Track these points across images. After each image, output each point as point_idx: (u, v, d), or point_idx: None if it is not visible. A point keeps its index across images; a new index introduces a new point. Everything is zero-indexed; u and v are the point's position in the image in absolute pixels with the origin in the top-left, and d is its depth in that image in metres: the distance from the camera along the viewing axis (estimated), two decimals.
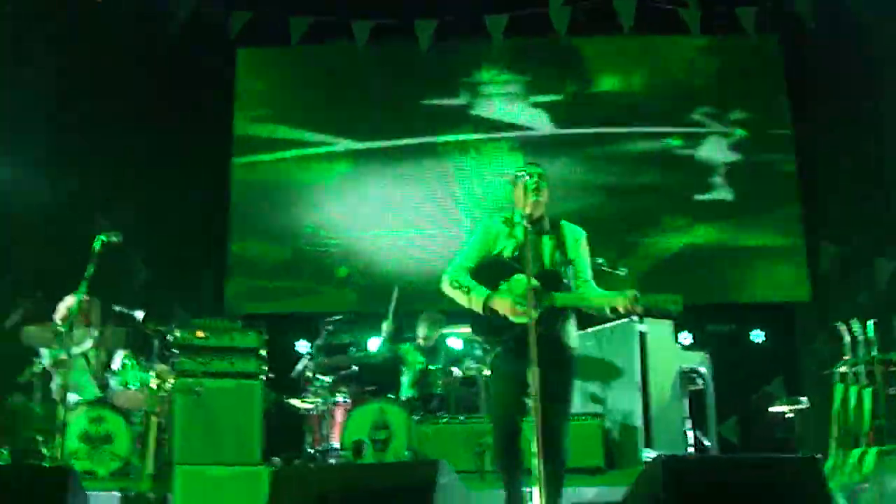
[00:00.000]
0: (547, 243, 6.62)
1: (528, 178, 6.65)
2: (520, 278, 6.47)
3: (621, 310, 6.40)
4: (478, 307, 6.57)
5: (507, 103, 14.14)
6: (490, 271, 6.70)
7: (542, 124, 13.97)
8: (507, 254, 6.71)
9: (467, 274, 6.74)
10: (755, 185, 13.71)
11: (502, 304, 6.49)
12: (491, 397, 6.87)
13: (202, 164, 13.47)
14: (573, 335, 6.68)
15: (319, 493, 4.92)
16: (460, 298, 6.70)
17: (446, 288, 6.79)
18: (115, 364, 9.74)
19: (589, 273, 6.78)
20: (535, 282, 6.17)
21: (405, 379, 10.87)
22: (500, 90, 14.19)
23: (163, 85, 13.15)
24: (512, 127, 14.01)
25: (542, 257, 6.61)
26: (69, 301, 9.49)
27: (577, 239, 6.82)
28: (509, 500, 6.53)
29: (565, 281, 6.63)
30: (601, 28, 13.56)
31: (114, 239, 8.06)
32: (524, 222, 6.40)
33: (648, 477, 4.99)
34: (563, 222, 6.86)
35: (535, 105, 14.08)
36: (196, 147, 13.32)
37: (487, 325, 6.60)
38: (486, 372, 9.18)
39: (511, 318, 6.43)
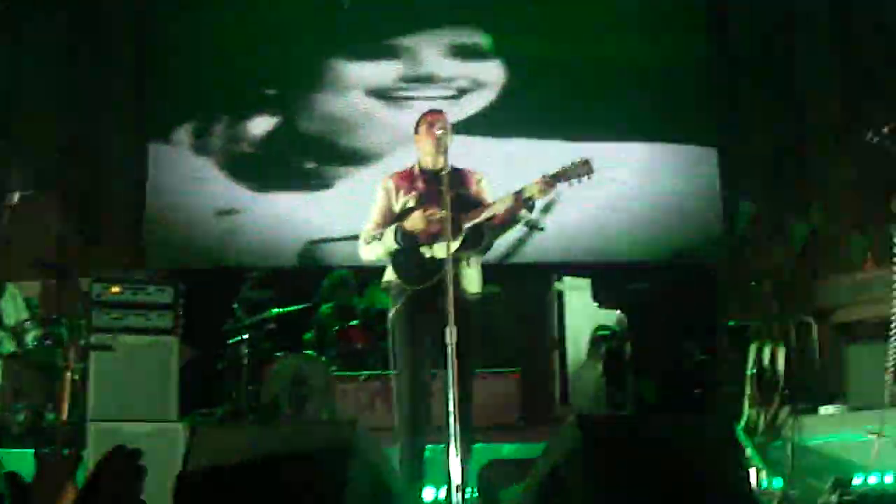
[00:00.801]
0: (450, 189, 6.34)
1: (429, 126, 6.66)
2: None
3: (536, 195, 6.39)
4: (391, 241, 6.56)
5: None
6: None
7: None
8: (411, 206, 6.66)
9: (378, 230, 6.72)
10: (675, 143, 13.72)
11: (413, 221, 6.51)
12: (396, 349, 6.76)
13: (117, 106, 13.20)
14: (477, 281, 6.68)
15: (236, 453, 4.90)
16: (377, 249, 6.72)
17: (363, 251, 6.83)
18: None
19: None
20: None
21: (323, 335, 10.87)
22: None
23: (77, 32, 12.92)
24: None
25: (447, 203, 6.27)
26: None
27: (479, 179, 6.85)
28: (410, 458, 6.61)
29: (473, 203, 6.60)
30: None
31: (25, 193, 7.95)
32: (420, 171, 6.68)
33: (565, 434, 5.03)
34: (465, 169, 6.86)
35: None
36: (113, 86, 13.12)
37: (411, 269, 6.56)
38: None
39: (429, 246, 6.46)
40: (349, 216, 11.75)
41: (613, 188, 13.19)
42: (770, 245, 12.82)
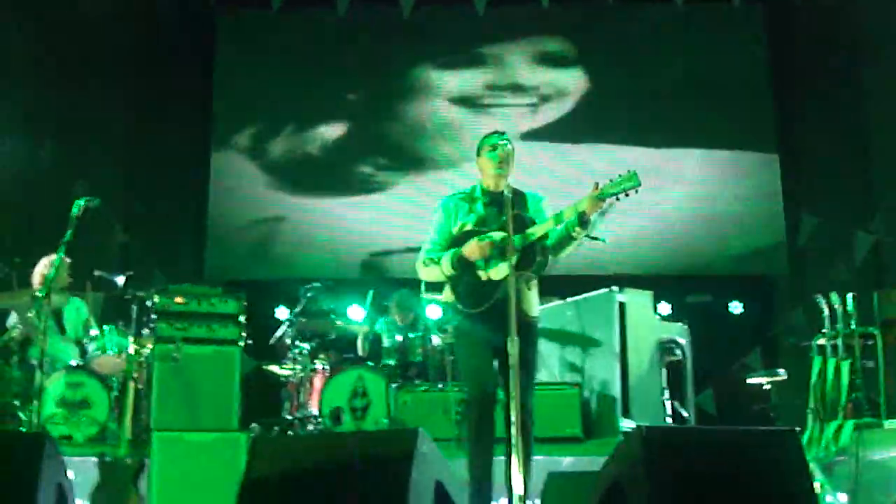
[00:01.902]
0: (509, 213, 6.34)
1: (493, 150, 6.65)
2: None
3: (588, 210, 6.32)
4: (449, 267, 6.59)
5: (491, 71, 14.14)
6: (458, 245, 6.65)
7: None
8: (469, 227, 6.66)
9: (436, 252, 6.74)
10: (737, 157, 13.71)
11: (471, 249, 6.50)
12: (461, 365, 6.86)
13: (182, 127, 13.43)
14: (535, 305, 6.67)
15: (298, 461, 4.91)
16: (434, 272, 6.73)
17: (421, 272, 6.85)
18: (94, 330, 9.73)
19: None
20: (501, 234, 6.29)
21: (384, 347, 10.90)
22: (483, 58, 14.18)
23: (142, 50, 13.10)
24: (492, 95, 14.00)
25: (506, 226, 6.33)
26: (44, 264, 9.47)
27: (538, 202, 6.78)
28: (477, 470, 6.53)
29: (530, 222, 6.55)
30: None
31: (92, 204, 8.00)
32: (482, 192, 6.65)
33: (628, 447, 4.99)
34: (526, 192, 6.80)
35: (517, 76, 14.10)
36: (176, 112, 13.29)
37: (469, 293, 6.60)
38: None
39: (484, 270, 6.49)
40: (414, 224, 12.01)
41: (678, 198, 13.24)
42: (833, 257, 12.72)
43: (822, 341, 9.39)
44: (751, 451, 5.00)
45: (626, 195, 6.26)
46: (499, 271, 6.37)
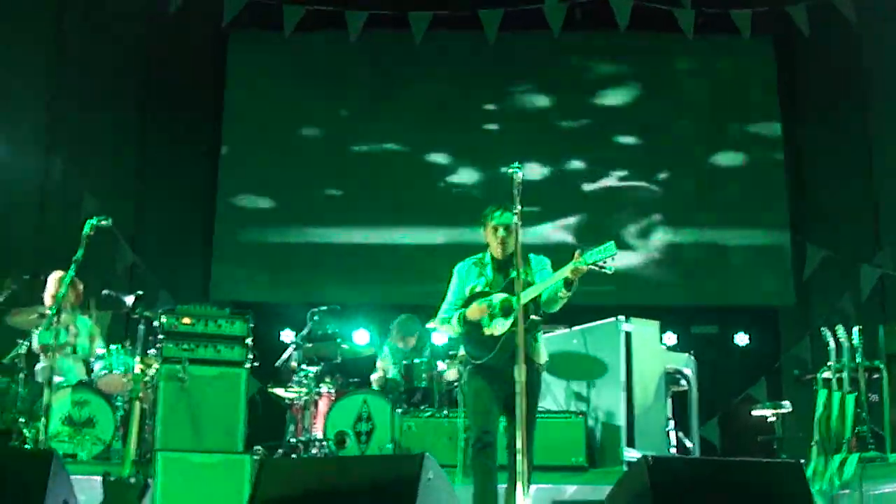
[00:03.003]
0: (515, 277, 6.85)
1: (495, 226, 7.25)
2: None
3: (571, 275, 6.85)
4: (457, 326, 7.30)
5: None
6: (469, 304, 7.28)
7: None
8: (479, 289, 7.33)
9: (450, 312, 7.43)
10: (744, 188, 13.76)
11: (472, 311, 7.20)
12: (468, 407, 7.39)
13: (192, 148, 13.49)
14: (541, 352, 7.28)
15: (304, 485, 4.93)
16: (447, 329, 7.55)
17: (439, 329, 7.87)
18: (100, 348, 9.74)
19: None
20: (505, 295, 7.06)
21: (389, 373, 10.91)
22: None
23: (155, 70, 13.17)
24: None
25: (510, 287, 6.99)
26: (54, 282, 9.50)
27: (543, 268, 7.37)
28: (481, 495, 6.91)
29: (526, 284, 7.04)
30: (596, 26, 13.58)
31: (104, 223, 8.03)
32: (492, 259, 7.35)
33: (633, 476, 5.00)
34: (531, 255, 7.41)
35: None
36: (186, 132, 13.35)
37: (476, 345, 7.21)
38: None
39: (487, 327, 7.10)
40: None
41: (685, 228, 13.34)
42: (839, 290, 12.73)
43: (827, 374, 9.39)
44: (756, 483, 5.02)
45: (605, 263, 6.78)
46: (498, 327, 7.06)
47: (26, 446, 8.38)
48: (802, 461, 8.27)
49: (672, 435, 10.39)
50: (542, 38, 13.42)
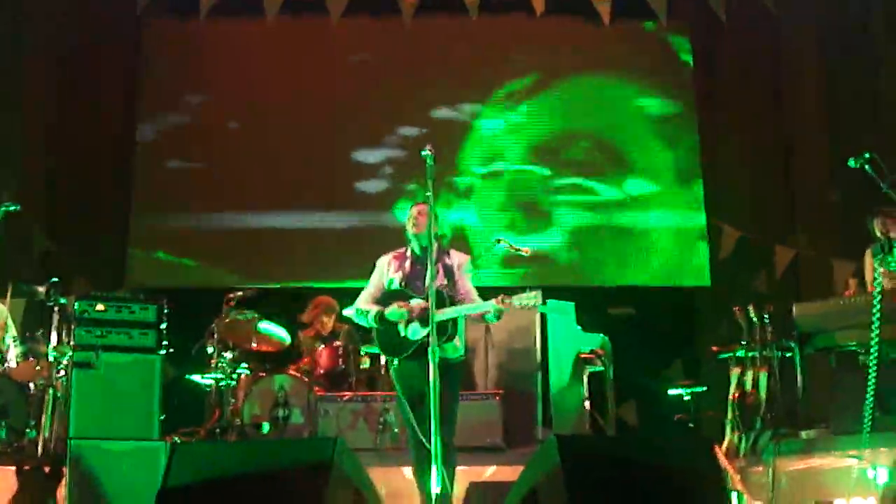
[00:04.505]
0: (432, 271, 6.96)
1: (410, 211, 7.59)
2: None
3: (493, 317, 7.32)
4: (373, 321, 7.55)
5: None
6: (385, 300, 7.56)
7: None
8: (396, 285, 7.59)
9: (367, 304, 7.68)
10: (660, 170, 13.86)
11: (391, 311, 7.43)
12: (398, 400, 7.61)
13: (105, 133, 13.32)
14: (456, 348, 7.44)
15: (216, 470, 4.90)
16: (362, 321, 7.73)
17: (354, 317, 7.84)
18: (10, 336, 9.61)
19: (472, 293, 7.57)
20: (424, 305, 7.17)
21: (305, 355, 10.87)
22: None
23: (66, 54, 13.00)
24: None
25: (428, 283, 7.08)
26: None
27: (460, 264, 7.67)
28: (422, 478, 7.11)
29: (450, 299, 7.35)
30: (512, 9, 13.63)
31: (13, 209, 7.94)
32: (411, 253, 7.59)
33: (544, 455, 5.04)
34: (452, 251, 7.75)
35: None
36: (99, 115, 13.20)
37: (389, 342, 7.51)
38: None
39: (403, 331, 7.38)
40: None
41: (600, 212, 13.43)
42: (754, 270, 12.88)
43: (740, 353, 9.51)
44: (666, 460, 5.06)
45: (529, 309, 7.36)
46: (412, 332, 7.36)
47: None
48: (716, 438, 8.41)
49: (588, 415, 10.47)
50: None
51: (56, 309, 8.89)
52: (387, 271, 7.68)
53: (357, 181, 13.73)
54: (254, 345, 10.55)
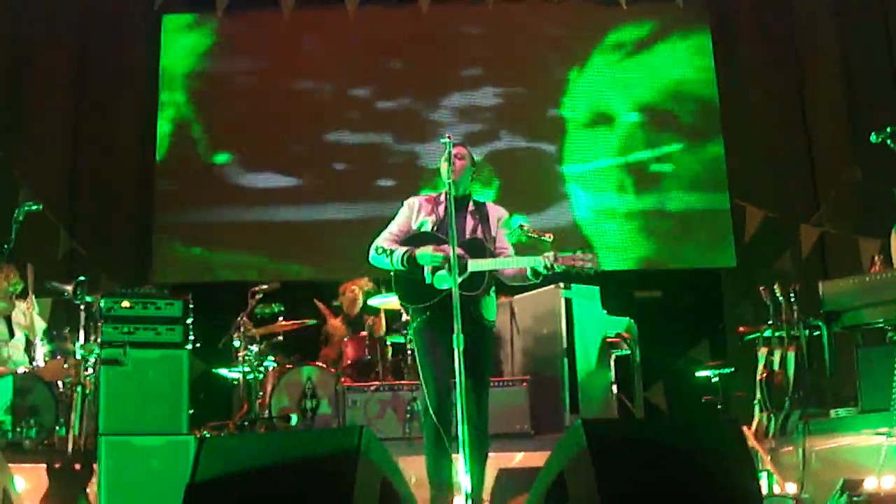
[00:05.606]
0: (469, 220, 6.81)
1: (447, 153, 6.67)
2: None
3: (541, 269, 6.61)
4: (399, 263, 6.83)
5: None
6: (413, 243, 6.90)
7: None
8: (427, 228, 6.96)
9: (391, 243, 6.97)
10: (682, 152, 13.81)
11: (423, 252, 6.76)
12: (420, 362, 6.90)
13: (127, 128, 13.37)
14: (492, 309, 6.92)
15: (244, 462, 4.90)
16: (385, 261, 6.95)
17: (373, 258, 7.03)
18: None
19: (510, 250, 7.01)
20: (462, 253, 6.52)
21: (333, 347, 10.90)
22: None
23: (86, 54, 13.05)
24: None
25: (464, 232, 6.82)
26: None
27: (500, 217, 7.10)
28: (435, 464, 6.73)
29: (489, 250, 6.83)
30: None
31: (35, 208, 7.98)
32: (446, 198, 6.63)
33: (570, 440, 5.02)
34: (489, 203, 7.13)
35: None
36: (121, 112, 13.26)
37: (411, 290, 6.86)
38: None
39: (428, 277, 6.72)
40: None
41: (626, 193, 13.42)
42: (780, 250, 12.83)
43: (767, 333, 9.49)
44: (695, 442, 5.04)
45: (582, 270, 6.72)
46: (440, 281, 6.68)
47: None
48: (745, 419, 8.39)
49: (616, 399, 10.46)
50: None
51: (83, 307, 8.91)
52: (417, 214, 7.08)
53: (380, 173, 13.73)
54: (280, 338, 10.66)
